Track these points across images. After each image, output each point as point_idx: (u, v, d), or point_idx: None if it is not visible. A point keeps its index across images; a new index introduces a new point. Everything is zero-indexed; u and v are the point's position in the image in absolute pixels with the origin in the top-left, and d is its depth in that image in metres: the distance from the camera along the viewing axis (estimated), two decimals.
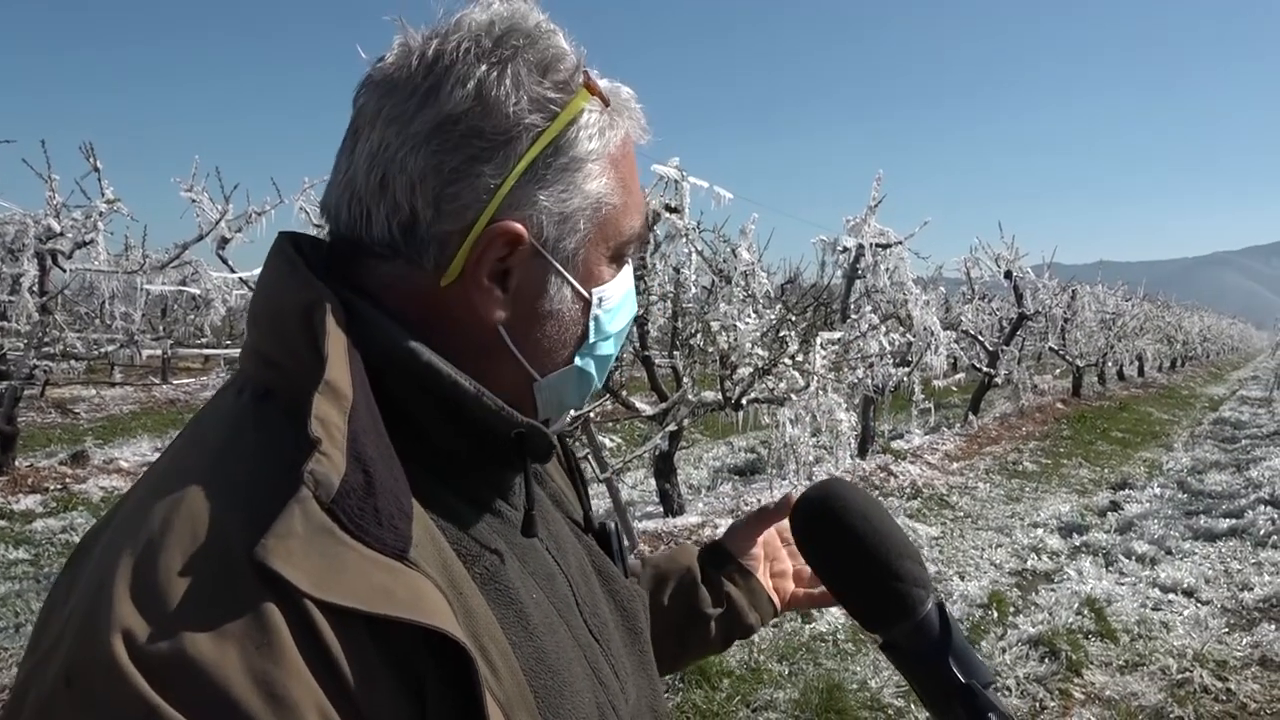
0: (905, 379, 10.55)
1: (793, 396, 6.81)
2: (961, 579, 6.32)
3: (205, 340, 17.21)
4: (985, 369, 14.13)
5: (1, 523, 6.97)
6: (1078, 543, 7.27)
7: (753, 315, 6.76)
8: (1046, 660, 4.74)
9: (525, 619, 0.69)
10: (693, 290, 6.79)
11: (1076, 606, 5.50)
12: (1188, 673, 4.59)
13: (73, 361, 9.29)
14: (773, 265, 10.08)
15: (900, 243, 9.56)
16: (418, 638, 0.56)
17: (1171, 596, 5.81)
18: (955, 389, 15.13)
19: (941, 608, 0.80)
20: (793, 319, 6.88)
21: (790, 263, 9.97)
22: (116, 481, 8.33)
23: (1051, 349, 18.16)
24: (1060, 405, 17.05)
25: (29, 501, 7.48)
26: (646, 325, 6.44)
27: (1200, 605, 5.67)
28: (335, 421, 0.58)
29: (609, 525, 0.93)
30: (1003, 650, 4.86)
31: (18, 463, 8.33)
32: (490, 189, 0.68)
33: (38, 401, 13.19)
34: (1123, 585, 6.06)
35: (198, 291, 12.78)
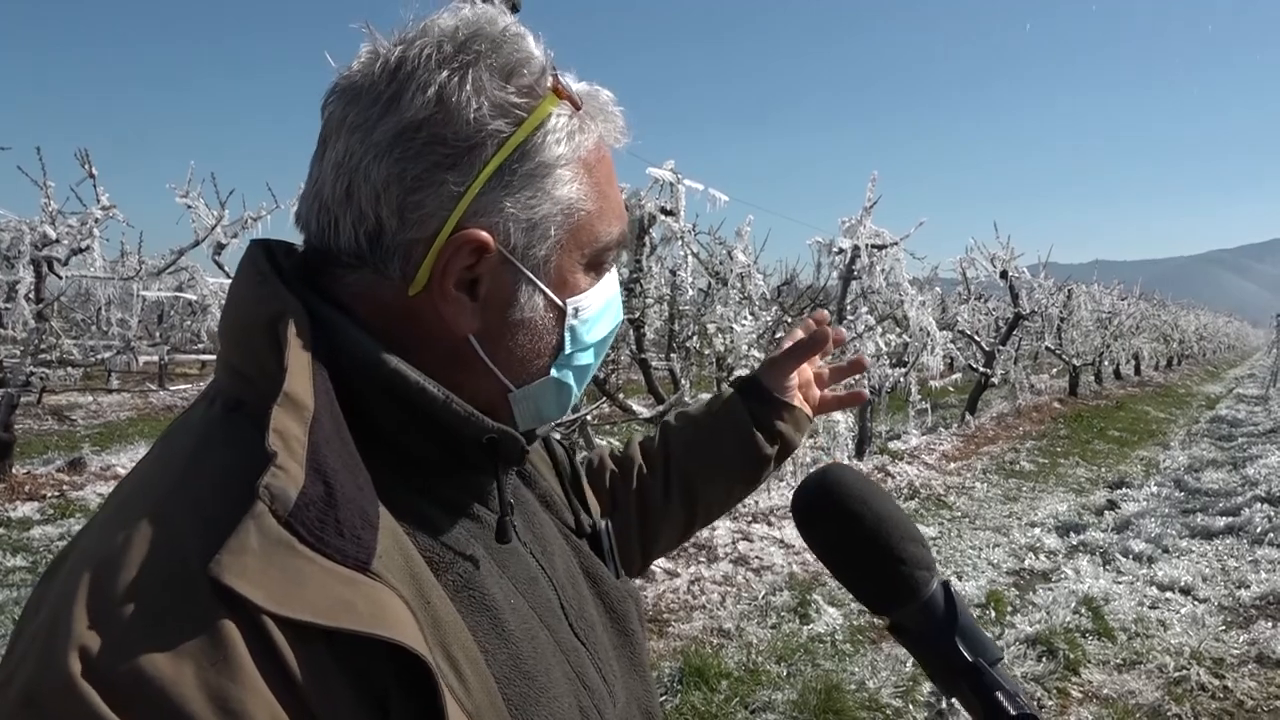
0: (902, 380, 10.56)
1: None
2: (959, 579, 6.32)
3: (202, 346, 17.16)
4: (982, 369, 14.14)
5: None
6: (1075, 542, 7.28)
7: (749, 317, 6.77)
8: (1044, 659, 4.74)
9: (500, 625, 0.69)
10: (689, 293, 6.80)
11: (1074, 605, 5.50)
12: (1185, 671, 4.60)
13: (69, 368, 9.29)
14: (769, 267, 10.10)
15: (896, 243, 9.56)
16: (380, 650, 0.56)
17: (1169, 595, 5.82)
18: (952, 389, 15.15)
19: (947, 587, 0.80)
20: (789, 320, 6.89)
21: (786, 264, 9.98)
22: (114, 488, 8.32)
23: (1048, 348, 18.18)
24: (1057, 405, 17.06)
25: (26, 509, 7.46)
26: (643, 328, 6.44)
27: (1197, 603, 5.68)
28: (295, 433, 0.58)
29: (600, 526, 0.92)
30: (1000, 649, 4.86)
31: (15, 470, 8.31)
32: (454, 196, 0.67)
33: (34, 408, 13.17)
34: (1120, 584, 6.06)
35: (194, 297, 12.75)
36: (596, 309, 0.76)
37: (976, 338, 14.68)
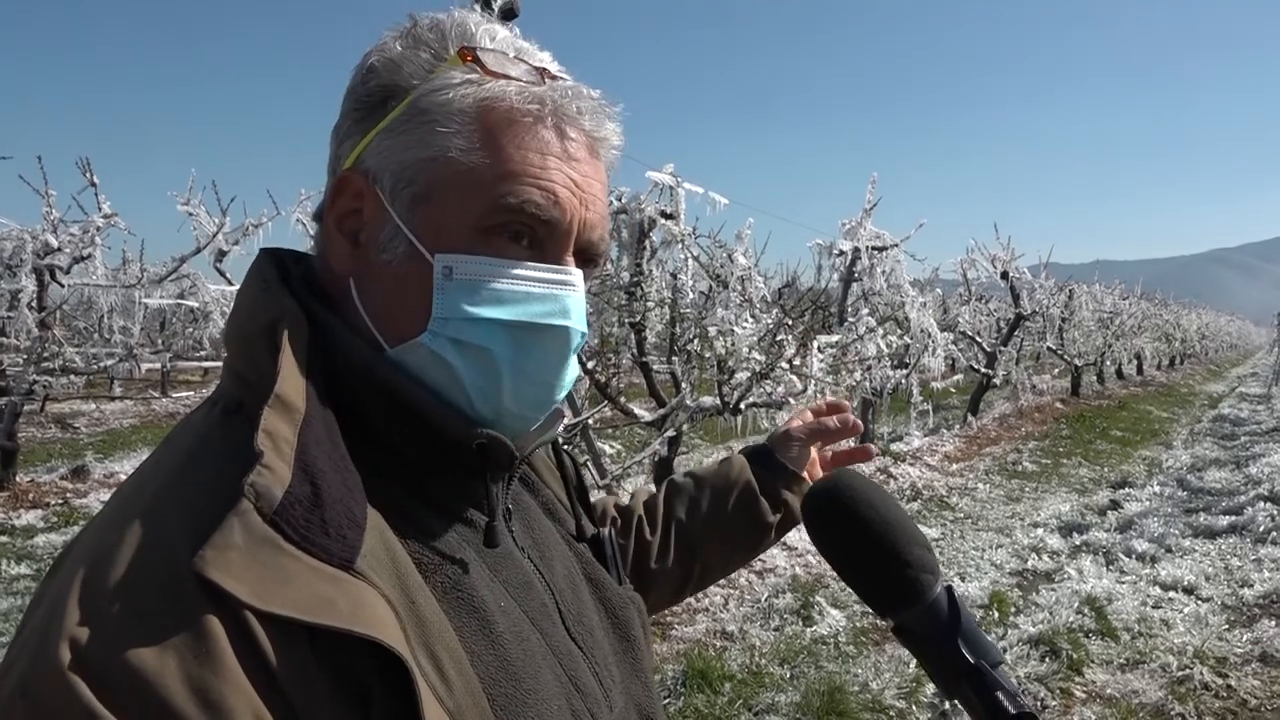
0: (903, 381, 10.56)
1: (791, 400, 6.82)
2: (962, 580, 6.33)
3: (204, 353, 17.18)
4: (983, 370, 14.14)
5: (3, 538, 6.97)
6: (1078, 542, 7.27)
7: (750, 320, 6.78)
8: (1047, 659, 4.74)
9: (489, 628, 0.70)
10: (690, 296, 6.80)
11: (1077, 605, 5.50)
12: (1188, 670, 4.60)
13: (72, 376, 9.29)
14: (769, 269, 10.11)
15: (896, 245, 9.58)
16: (361, 647, 0.57)
17: (1172, 594, 5.82)
18: (954, 390, 15.15)
19: (950, 591, 0.82)
20: (790, 323, 6.89)
21: (787, 267, 9.97)
22: None
23: (1049, 349, 18.18)
24: (1059, 405, 17.06)
25: (30, 517, 7.48)
26: (644, 332, 6.45)
27: (1200, 602, 5.68)
28: (284, 434, 0.60)
29: (602, 533, 0.93)
30: (1004, 650, 4.86)
31: (19, 478, 8.33)
32: (356, 145, 0.73)
33: (38, 417, 13.19)
34: (1123, 584, 6.06)
35: (196, 304, 12.74)
36: (494, 284, 0.71)
37: (978, 339, 14.68)
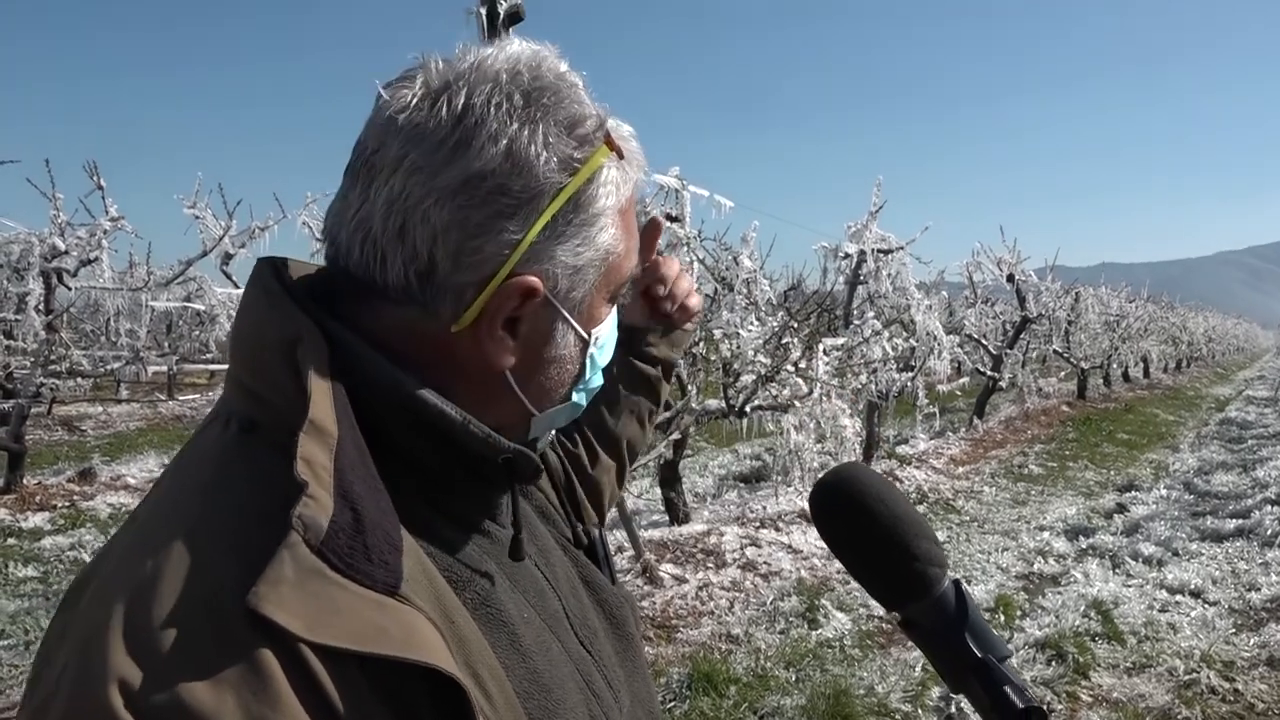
0: (909, 384, 10.55)
1: (796, 403, 6.82)
2: (968, 583, 6.31)
3: (210, 356, 17.20)
4: (989, 373, 14.11)
5: (10, 540, 6.99)
6: (1084, 545, 7.26)
7: (755, 323, 6.78)
8: (1054, 663, 4.74)
9: (517, 640, 0.70)
10: None
11: (1083, 609, 5.49)
12: (1195, 674, 4.59)
13: (79, 379, 9.32)
14: (775, 272, 10.10)
15: (902, 248, 9.57)
16: (412, 672, 0.57)
17: (1178, 598, 5.81)
18: (959, 393, 15.12)
19: (958, 585, 0.82)
20: (795, 326, 6.89)
21: (792, 269, 9.98)
22: (124, 498, 8.35)
23: (1056, 352, 18.14)
24: (1065, 408, 17.01)
25: (37, 519, 7.50)
26: None
27: (1207, 606, 5.67)
28: (321, 460, 0.59)
29: (594, 534, 0.94)
30: (1009, 647, 4.85)
31: (25, 480, 8.35)
32: (512, 244, 0.68)
33: (45, 419, 13.23)
34: (1129, 587, 6.05)
35: (202, 308, 12.78)
36: (608, 334, 0.81)
37: (984, 341, 14.66)
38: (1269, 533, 7.23)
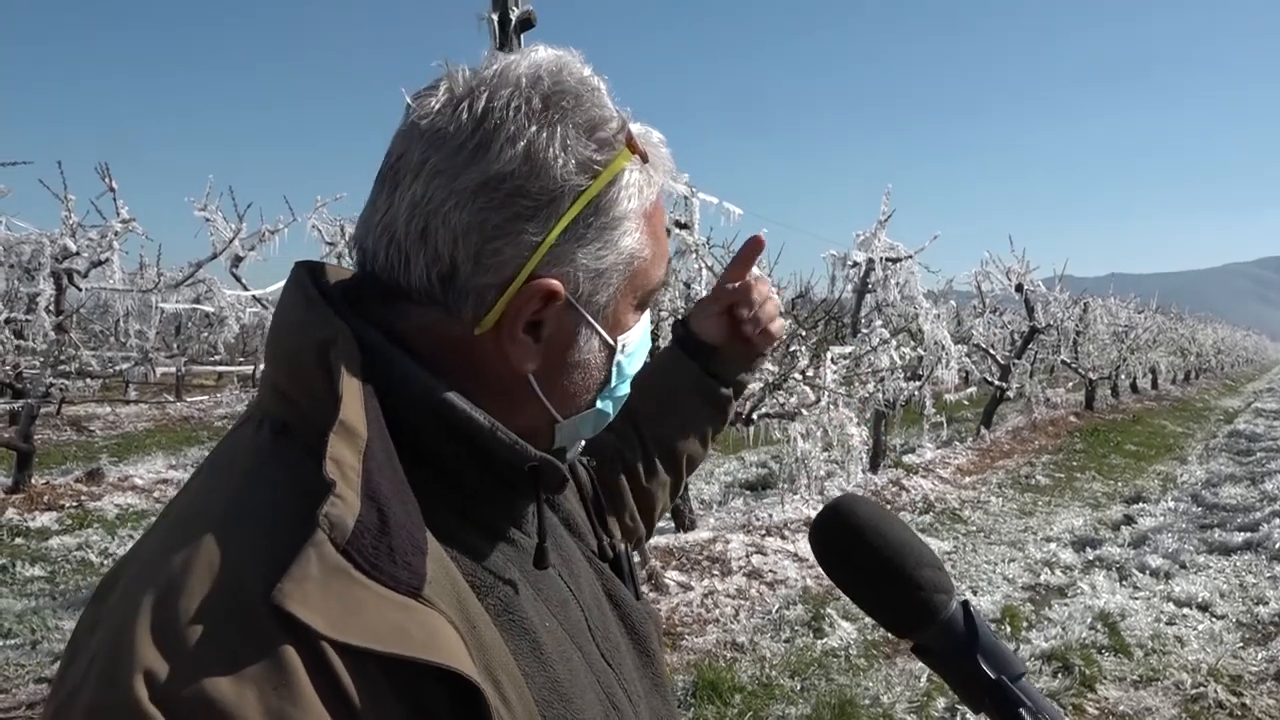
0: (916, 393, 10.54)
1: (804, 411, 6.81)
2: (974, 593, 6.30)
3: (219, 358, 17.28)
4: (997, 382, 14.09)
5: (18, 540, 7.01)
6: (1091, 557, 7.24)
7: None
8: (1060, 675, 4.72)
9: (538, 649, 0.70)
10: None
11: (1090, 621, 5.47)
12: (1202, 688, 4.57)
13: (88, 379, 9.36)
14: (783, 280, 10.10)
15: (910, 257, 9.56)
16: (432, 674, 0.57)
17: (1186, 611, 5.78)
18: (967, 403, 15.10)
19: (966, 607, 0.81)
20: (803, 334, 6.89)
21: (800, 277, 9.98)
22: (131, 499, 8.37)
23: (1064, 362, 18.10)
24: (1073, 418, 16.98)
25: (45, 519, 7.52)
26: (657, 341, 6.46)
27: (1215, 619, 5.65)
28: (350, 461, 0.60)
29: (620, 548, 0.94)
30: (1024, 664, 4.84)
31: (34, 480, 8.38)
32: (531, 246, 0.69)
33: (53, 419, 13.29)
34: (1136, 599, 6.03)
35: (211, 309, 12.83)
36: (637, 342, 0.80)
37: (992, 351, 14.63)
38: (1277, 546, 7.20)
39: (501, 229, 0.68)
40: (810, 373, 6.76)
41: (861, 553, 0.83)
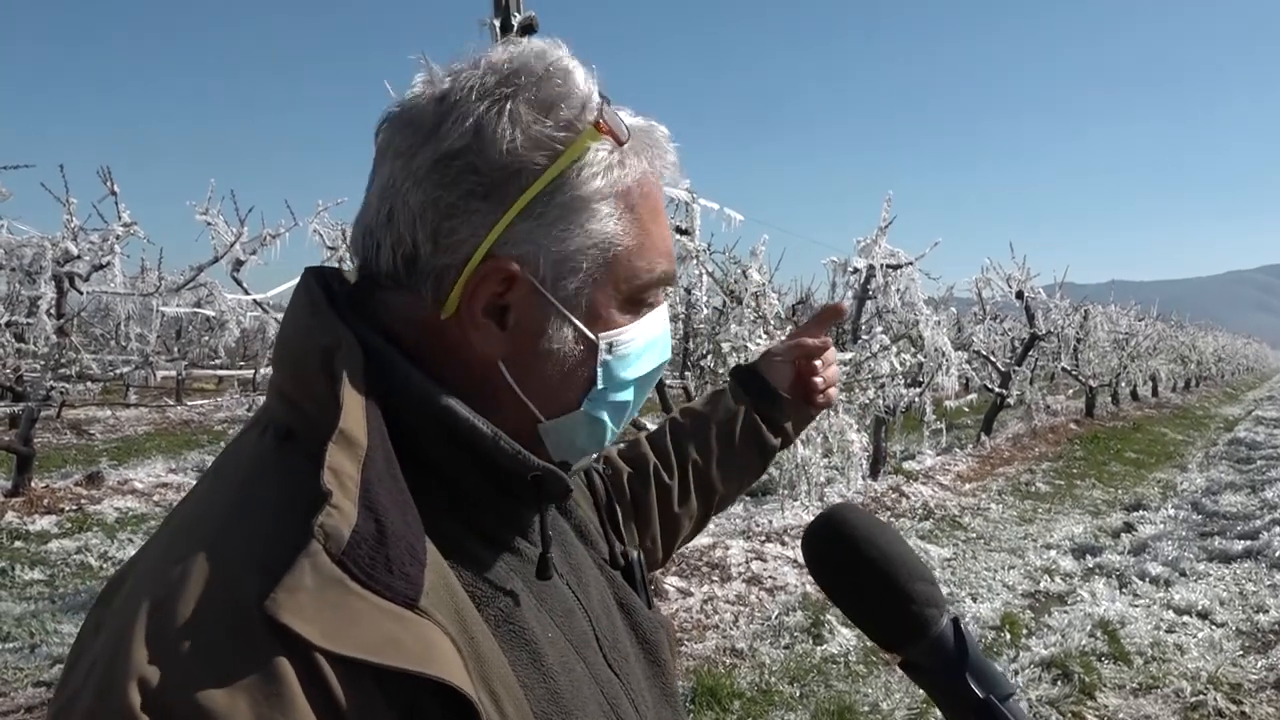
0: (917, 399, 10.53)
1: None
2: (974, 600, 6.29)
3: (219, 361, 17.29)
4: (997, 389, 14.09)
5: (17, 543, 7.01)
6: (1091, 564, 7.23)
7: (764, 336, 6.78)
8: (1059, 683, 4.71)
9: (539, 660, 0.70)
10: (704, 311, 6.82)
11: (1089, 628, 5.46)
12: (1202, 696, 4.56)
13: (88, 383, 9.36)
14: (784, 286, 10.11)
15: (911, 263, 9.56)
16: (427, 686, 0.57)
17: (1186, 619, 5.77)
18: (967, 409, 15.08)
19: (957, 623, 0.80)
20: None
21: (801, 283, 9.98)
22: (131, 502, 8.37)
23: (1064, 369, 18.09)
24: (1073, 426, 16.97)
25: (44, 522, 7.52)
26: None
27: (1215, 627, 5.64)
28: (348, 471, 0.59)
29: (633, 556, 0.93)
30: (1015, 672, 4.84)
31: (34, 483, 8.38)
32: (486, 224, 0.69)
33: (53, 422, 13.29)
34: (1136, 607, 6.01)
35: (212, 313, 12.87)
36: (636, 347, 0.77)
37: (992, 358, 14.63)
38: (1278, 554, 7.18)
39: (456, 207, 0.68)
40: None
41: (854, 563, 0.82)
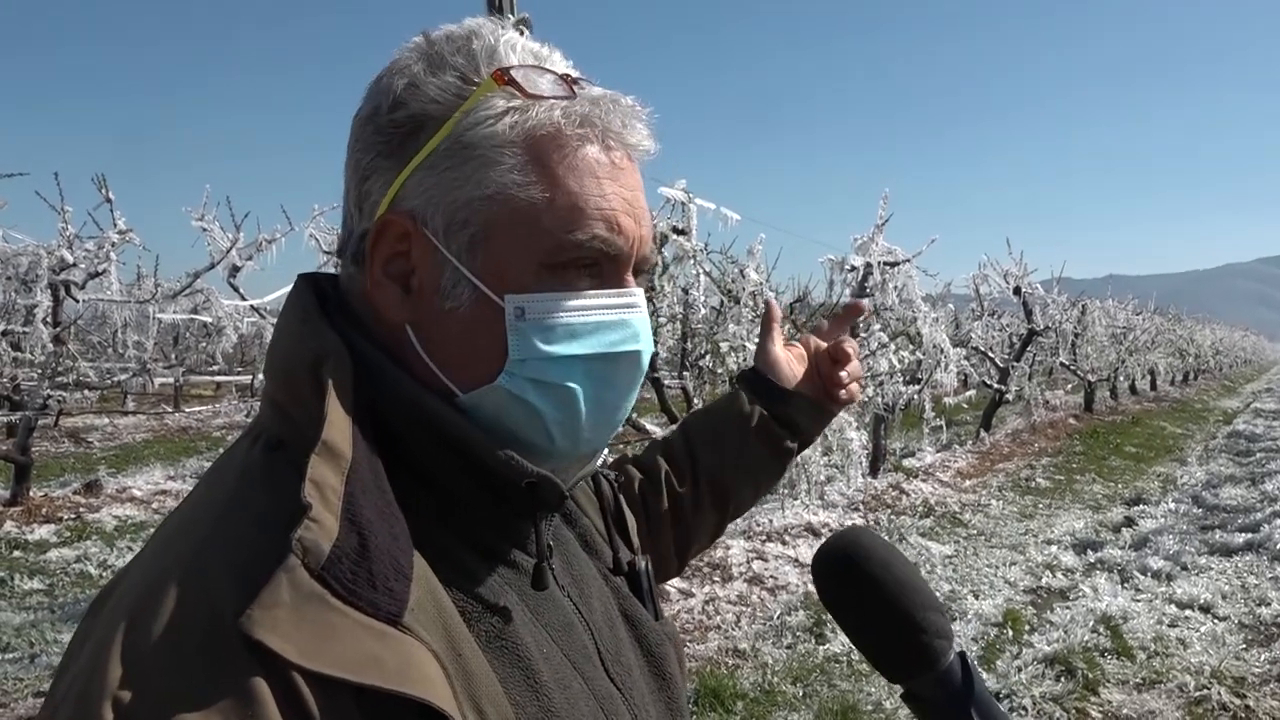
0: (916, 397, 10.53)
1: None
2: (976, 597, 6.28)
3: (217, 368, 17.26)
4: (996, 385, 14.09)
5: (16, 553, 6.98)
6: (1092, 559, 7.23)
7: None
8: (1062, 679, 4.70)
9: (533, 677, 0.68)
10: (701, 311, 6.81)
11: (1092, 624, 5.46)
12: (1205, 690, 4.55)
13: (86, 391, 9.35)
14: (781, 285, 10.09)
15: (908, 260, 9.55)
16: (409, 706, 0.55)
17: (1188, 613, 5.77)
18: (966, 406, 15.09)
19: (964, 657, 0.79)
20: (802, 339, 6.88)
21: (798, 282, 9.94)
22: (130, 510, 8.35)
23: (1062, 364, 18.10)
24: (1072, 421, 16.98)
25: (43, 531, 7.50)
26: (656, 347, 6.45)
27: (1217, 621, 5.63)
28: (331, 483, 0.58)
29: (639, 565, 0.89)
30: (1018, 669, 4.83)
31: (32, 492, 8.36)
32: (389, 182, 0.69)
33: (51, 431, 13.26)
34: (1138, 602, 6.01)
35: (209, 319, 12.82)
36: (568, 319, 0.70)
37: (990, 354, 14.63)
38: (1279, 547, 7.19)
39: (370, 168, 0.69)
40: None
41: (868, 586, 0.80)
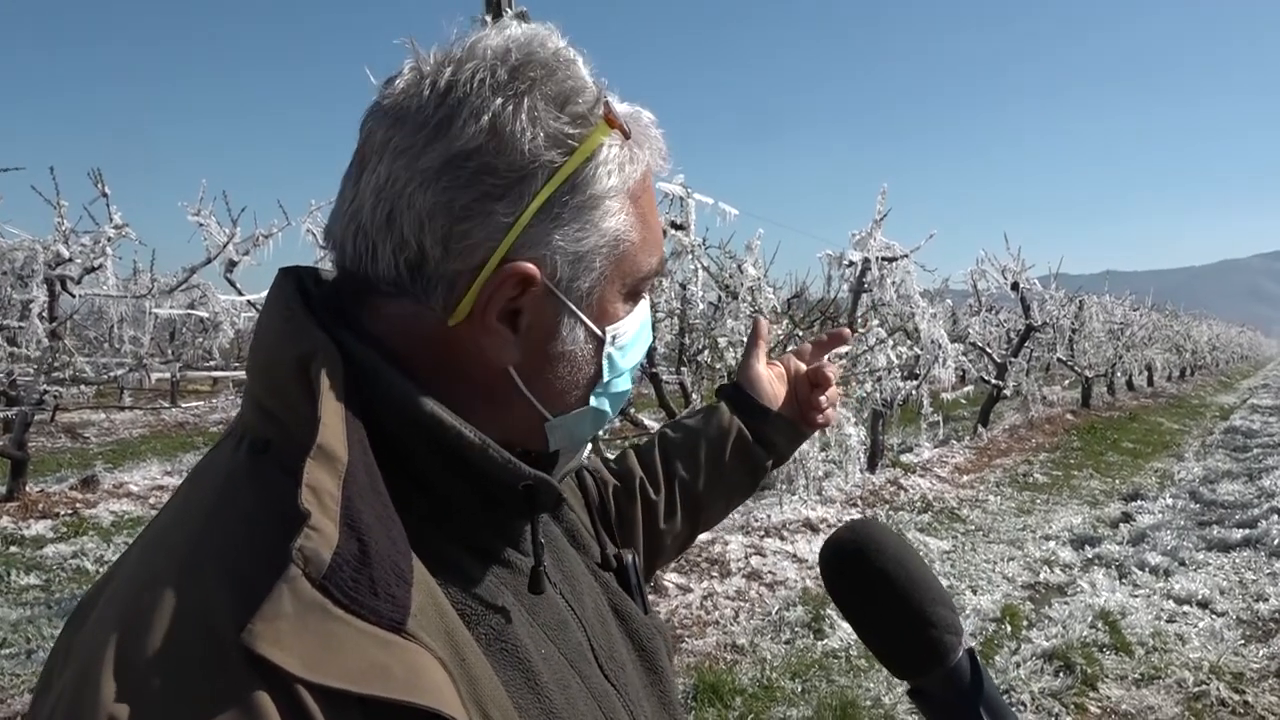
0: (913, 392, 10.53)
1: None
2: (974, 593, 6.29)
3: (214, 363, 17.25)
4: (994, 381, 14.09)
5: (13, 549, 6.96)
6: (1090, 555, 7.23)
7: None
8: (1061, 674, 4.70)
9: (533, 678, 0.67)
10: (699, 306, 6.80)
11: (1090, 619, 5.46)
12: (1204, 685, 4.56)
13: (82, 386, 9.32)
14: (779, 280, 10.09)
15: (906, 256, 9.54)
16: (417, 716, 0.54)
17: (1186, 608, 5.77)
18: (964, 401, 15.10)
19: (973, 654, 0.78)
20: (800, 334, 6.87)
21: (796, 277, 9.94)
22: (127, 505, 8.33)
23: (1060, 360, 18.12)
24: (1070, 416, 17.00)
25: (40, 527, 7.47)
26: (654, 342, 6.44)
27: (1215, 617, 5.63)
28: (328, 488, 0.56)
29: (627, 559, 0.90)
30: (1017, 665, 4.82)
31: (28, 488, 8.34)
32: (503, 228, 0.65)
33: (48, 426, 13.22)
34: (1136, 597, 6.01)
35: (206, 314, 12.82)
36: (632, 335, 0.75)
37: (988, 349, 14.63)
38: (1276, 542, 7.19)
39: (470, 210, 0.64)
40: None
41: (878, 580, 0.79)
